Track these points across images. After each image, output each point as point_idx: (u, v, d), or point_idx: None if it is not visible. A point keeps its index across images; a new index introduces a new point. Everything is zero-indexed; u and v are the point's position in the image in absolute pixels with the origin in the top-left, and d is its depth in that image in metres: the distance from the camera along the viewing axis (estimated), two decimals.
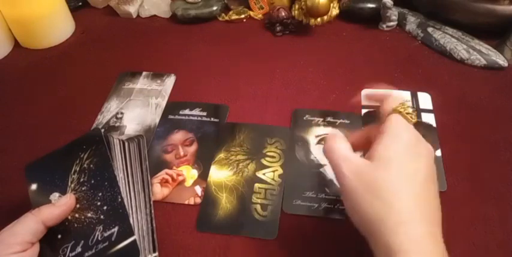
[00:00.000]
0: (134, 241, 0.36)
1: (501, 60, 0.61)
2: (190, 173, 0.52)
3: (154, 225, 0.39)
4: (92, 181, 0.39)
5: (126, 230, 0.37)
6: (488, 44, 0.63)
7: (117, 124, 0.58)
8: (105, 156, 0.39)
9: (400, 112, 0.36)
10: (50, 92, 0.65)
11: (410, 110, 0.36)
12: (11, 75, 0.68)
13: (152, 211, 0.39)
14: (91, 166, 0.39)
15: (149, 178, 0.39)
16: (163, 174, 0.51)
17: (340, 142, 0.36)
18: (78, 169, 0.40)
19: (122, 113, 0.60)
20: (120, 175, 0.39)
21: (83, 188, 0.39)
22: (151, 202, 0.39)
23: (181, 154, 0.54)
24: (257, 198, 0.49)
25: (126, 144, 0.41)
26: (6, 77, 0.68)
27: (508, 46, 0.62)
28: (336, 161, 0.35)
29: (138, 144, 0.42)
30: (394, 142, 0.33)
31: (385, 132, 0.34)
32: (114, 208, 0.38)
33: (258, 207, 0.48)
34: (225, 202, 0.48)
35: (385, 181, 0.32)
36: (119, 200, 0.37)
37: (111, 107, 0.61)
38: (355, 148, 0.37)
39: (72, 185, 0.39)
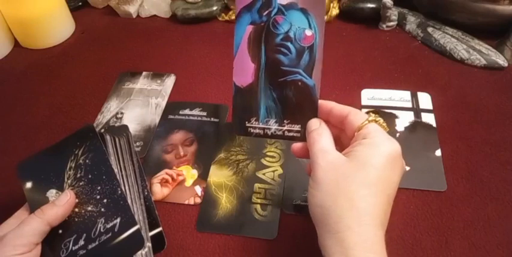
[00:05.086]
0: (138, 230, 0.37)
1: (501, 60, 0.61)
2: (190, 173, 0.52)
3: (156, 217, 0.39)
4: (89, 176, 0.40)
5: (129, 221, 0.38)
6: (488, 44, 0.63)
7: (117, 124, 0.58)
8: (101, 151, 0.40)
9: (376, 121, 0.36)
10: (50, 92, 0.65)
11: (381, 120, 0.36)
12: (11, 75, 0.68)
13: (148, 203, 0.40)
14: (87, 161, 0.40)
15: (142, 169, 0.40)
16: (163, 174, 0.51)
17: (325, 135, 0.36)
18: (73, 165, 0.40)
19: (121, 113, 0.60)
20: (115, 170, 0.39)
21: (81, 183, 0.40)
22: (147, 193, 0.40)
23: (181, 153, 0.54)
24: (257, 198, 0.49)
25: (117, 139, 0.42)
26: (6, 77, 0.68)
27: (508, 46, 0.62)
28: (314, 152, 0.35)
29: (127, 138, 0.43)
30: (376, 150, 0.34)
31: (366, 139, 0.34)
32: (114, 200, 0.38)
33: (258, 207, 0.48)
34: (225, 202, 0.48)
35: (356, 181, 0.32)
36: (119, 192, 0.39)
37: (111, 107, 0.61)
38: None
39: (69, 181, 0.40)
